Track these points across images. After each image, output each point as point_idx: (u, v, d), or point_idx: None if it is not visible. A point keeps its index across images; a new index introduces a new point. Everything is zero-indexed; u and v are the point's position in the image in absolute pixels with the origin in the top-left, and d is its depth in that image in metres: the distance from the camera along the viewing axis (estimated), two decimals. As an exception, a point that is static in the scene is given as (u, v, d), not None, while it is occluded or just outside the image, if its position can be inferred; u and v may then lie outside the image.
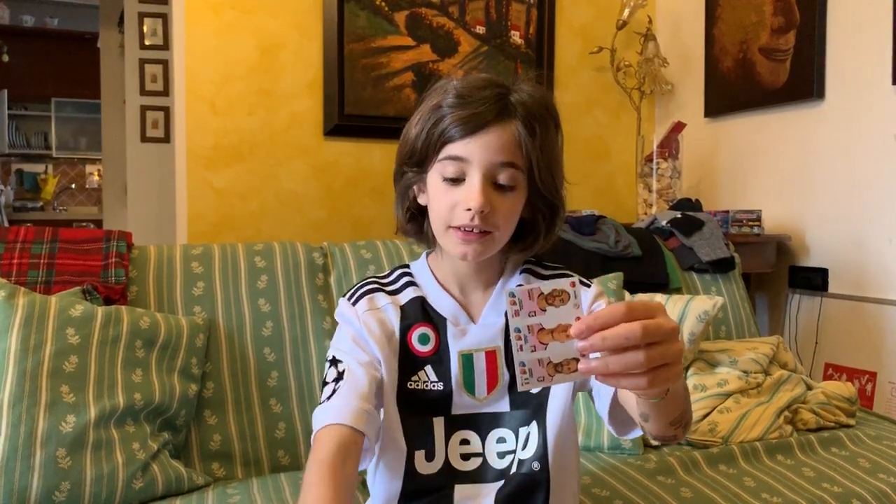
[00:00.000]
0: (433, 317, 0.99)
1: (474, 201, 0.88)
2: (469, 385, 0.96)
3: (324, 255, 1.73)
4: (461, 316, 0.99)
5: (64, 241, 1.54)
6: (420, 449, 0.95)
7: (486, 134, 0.89)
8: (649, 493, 1.33)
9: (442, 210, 0.92)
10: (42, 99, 6.31)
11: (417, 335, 0.98)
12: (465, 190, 0.89)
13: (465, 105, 0.89)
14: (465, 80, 0.92)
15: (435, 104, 0.92)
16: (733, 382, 1.68)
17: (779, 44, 2.51)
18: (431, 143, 0.92)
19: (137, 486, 1.25)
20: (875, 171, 2.24)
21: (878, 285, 2.25)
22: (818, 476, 1.42)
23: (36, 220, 6.00)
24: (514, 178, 0.91)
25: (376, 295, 1.02)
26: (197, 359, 1.46)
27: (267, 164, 2.55)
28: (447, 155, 0.90)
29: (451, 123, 0.89)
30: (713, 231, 2.11)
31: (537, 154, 0.91)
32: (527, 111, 0.91)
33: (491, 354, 0.97)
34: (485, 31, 2.78)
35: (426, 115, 0.92)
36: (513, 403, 0.96)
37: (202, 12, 2.45)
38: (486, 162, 0.89)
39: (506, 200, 0.91)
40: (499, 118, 0.89)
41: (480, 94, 0.90)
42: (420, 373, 0.97)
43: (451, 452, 0.96)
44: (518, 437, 0.96)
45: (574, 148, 2.98)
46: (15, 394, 1.22)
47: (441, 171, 0.91)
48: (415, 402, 0.96)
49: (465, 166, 0.90)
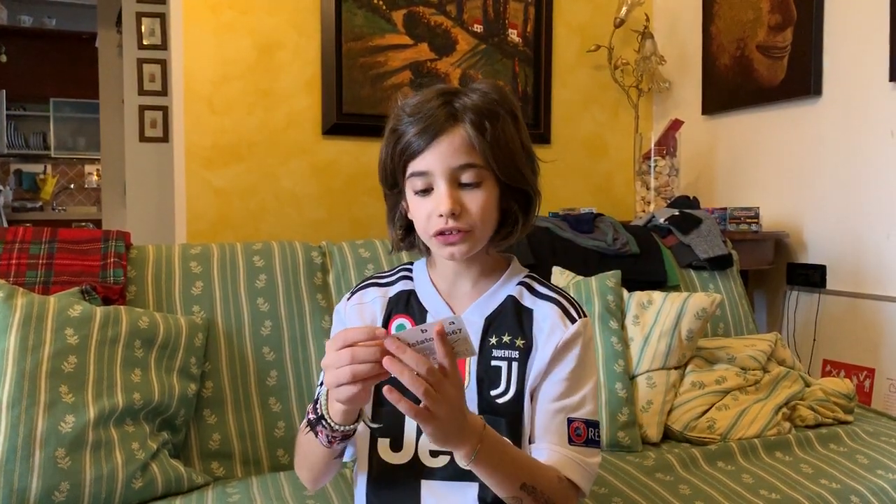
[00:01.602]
0: (416, 308, 1.04)
1: (443, 206, 0.93)
2: None
3: (322, 255, 1.73)
4: (443, 309, 1.03)
5: (62, 242, 1.54)
6: (385, 436, 0.99)
7: (439, 144, 0.94)
8: (648, 491, 1.34)
9: (421, 221, 0.97)
10: (40, 99, 6.30)
11: (395, 325, 1.04)
12: (434, 199, 0.95)
13: (415, 122, 0.94)
14: (416, 98, 0.97)
15: (392, 127, 0.98)
16: (731, 379, 1.68)
17: (776, 41, 2.51)
18: (396, 164, 0.97)
19: (137, 485, 1.26)
20: (873, 167, 2.25)
21: (877, 282, 2.25)
22: (816, 473, 1.43)
23: (35, 221, 6.00)
24: (477, 175, 0.95)
25: (368, 290, 1.08)
26: (196, 358, 1.46)
27: (265, 164, 2.55)
28: (412, 172, 0.96)
29: (406, 143, 0.95)
30: (711, 228, 2.11)
31: (493, 150, 0.94)
32: (474, 112, 0.94)
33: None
34: (482, 30, 2.78)
35: (387, 139, 0.98)
36: (480, 409, 0.98)
37: (200, 12, 2.45)
38: (446, 167, 0.94)
39: (475, 196, 0.95)
40: (447, 125, 0.94)
41: (427, 106, 0.94)
42: None
43: (420, 448, 0.98)
44: None
45: (572, 146, 2.99)
46: (14, 394, 1.23)
47: (412, 187, 0.97)
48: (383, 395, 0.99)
49: (429, 178, 0.95)
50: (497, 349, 1.00)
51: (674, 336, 1.65)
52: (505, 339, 1.00)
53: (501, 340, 1.00)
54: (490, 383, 0.99)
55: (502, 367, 0.99)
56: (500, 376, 0.99)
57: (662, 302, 1.70)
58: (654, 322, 1.68)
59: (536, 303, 1.02)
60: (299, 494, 1.30)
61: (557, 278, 1.81)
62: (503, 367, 0.99)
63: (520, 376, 0.99)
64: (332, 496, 1.30)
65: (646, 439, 1.59)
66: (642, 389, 1.63)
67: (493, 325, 1.01)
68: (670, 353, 1.65)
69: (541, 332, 1.00)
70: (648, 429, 1.60)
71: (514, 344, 1.00)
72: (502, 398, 0.99)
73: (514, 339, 1.00)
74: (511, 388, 0.99)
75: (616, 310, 1.69)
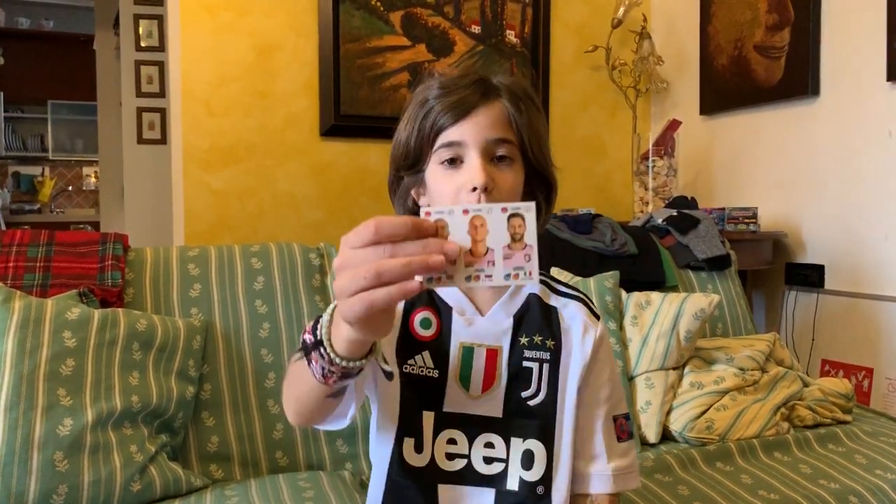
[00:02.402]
0: (438, 303, 0.97)
1: (478, 179, 0.87)
2: (465, 379, 0.95)
3: (320, 256, 1.73)
4: (468, 307, 0.97)
5: (60, 244, 1.54)
6: (410, 437, 0.94)
7: (475, 115, 0.90)
8: (647, 492, 1.34)
9: (446, 196, 0.90)
10: (38, 101, 6.30)
11: (420, 318, 0.97)
12: (466, 171, 0.89)
13: (451, 93, 0.91)
14: (447, 75, 0.95)
15: (421, 100, 0.94)
16: (730, 380, 1.68)
17: (773, 41, 2.51)
18: (424, 136, 0.92)
19: (135, 488, 1.26)
20: (870, 167, 2.25)
21: (875, 281, 2.25)
22: (815, 473, 1.43)
23: (33, 223, 5.99)
24: (510, 150, 0.91)
25: None
26: (194, 361, 1.46)
27: (263, 165, 2.55)
28: (442, 143, 0.91)
29: (440, 112, 0.91)
30: (709, 229, 2.11)
31: (527, 130, 0.92)
32: (510, 91, 0.93)
33: (492, 353, 0.96)
34: (480, 31, 2.78)
35: (415, 113, 0.94)
36: (506, 411, 0.95)
37: (197, 13, 2.45)
38: (482, 139, 0.90)
39: (507, 174, 0.91)
40: (485, 98, 0.91)
41: (463, 81, 0.92)
42: (417, 357, 0.95)
43: (437, 450, 0.94)
44: (510, 448, 0.95)
45: (570, 146, 2.99)
46: (11, 397, 1.22)
47: (438, 159, 0.92)
48: (409, 389, 0.95)
49: (461, 150, 0.90)
50: (528, 349, 0.96)
51: (672, 337, 1.65)
52: (536, 339, 0.97)
53: (532, 341, 0.97)
54: (522, 384, 0.96)
55: (533, 368, 0.96)
56: (532, 377, 0.96)
57: (661, 302, 1.70)
58: (653, 323, 1.68)
59: (560, 300, 1.00)
60: (298, 497, 1.30)
61: (556, 279, 1.81)
62: (535, 368, 0.96)
63: (551, 378, 0.96)
64: (332, 498, 1.30)
65: (644, 440, 1.59)
66: (641, 390, 1.63)
67: (522, 324, 0.97)
68: (669, 354, 1.65)
69: (570, 331, 0.98)
70: (647, 429, 1.60)
71: (544, 345, 0.97)
72: (533, 400, 0.96)
73: (545, 340, 0.97)
74: (542, 390, 0.96)
75: (614, 310, 1.69)
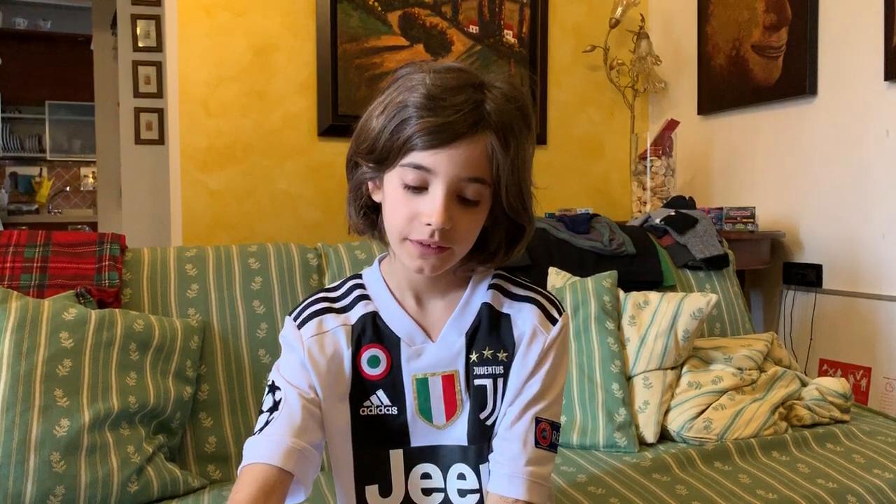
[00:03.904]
0: (385, 335, 0.91)
1: (436, 217, 0.80)
2: (425, 412, 0.90)
3: (318, 256, 1.72)
4: (417, 335, 0.91)
5: (57, 245, 1.54)
6: (372, 483, 0.90)
7: (455, 147, 0.80)
8: (645, 491, 1.34)
9: (399, 220, 0.83)
10: (36, 102, 6.30)
11: (367, 357, 0.91)
12: (427, 202, 0.81)
13: (436, 111, 0.79)
14: (438, 78, 0.82)
15: (401, 101, 0.81)
16: (728, 379, 1.68)
17: (771, 41, 2.51)
18: (394, 146, 0.81)
19: (133, 489, 1.25)
20: (868, 166, 2.25)
21: (873, 281, 2.25)
22: (813, 472, 1.43)
23: (31, 223, 5.99)
24: (479, 193, 0.83)
25: (325, 317, 0.93)
26: (192, 361, 1.46)
27: (261, 166, 2.55)
28: (410, 163, 0.81)
29: (418, 131, 0.79)
30: (707, 228, 2.11)
31: (508, 171, 0.82)
32: (502, 119, 0.82)
33: (448, 378, 0.90)
34: (478, 31, 2.78)
35: (391, 111, 0.82)
36: (470, 437, 0.90)
37: (195, 14, 2.45)
38: (453, 176, 0.80)
39: (468, 216, 0.83)
40: (471, 130, 0.80)
41: (453, 98, 0.80)
42: (372, 397, 0.90)
43: (411, 487, 0.90)
44: (480, 476, 0.90)
45: (568, 146, 2.99)
46: (8, 398, 1.22)
47: (401, 177, 0.82)
48: (370, 431, 0.91)
49: (428, 176, 0.81)
50: (479, 366, 0.91)
51: (670, 336, 1.65)
52: (486, 353, 0.91)
53: (483, 356, 0.91)
54: (479, 406, 0.90)
55: (487, 385, 0.90)
56: (487, 396, 0.90)
57: (659, 302, 1.70)
58: (651, 322, 1.68)
59: (514, 306, 0.93)
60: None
61: (554, 279, 1.81)
62: (488, 386, 0.90)
63: (504, 392, 0.91)
64: (329, 499, 1.30)
65: (642, 440, 1.59)
66: (639, 390, 1.63)
67: (473, 341, 0.91)
68: (667, 354, 1.65)
69: (522, 337, 0.91)
70: (645, 429, 1.59)
71: (496, 358, 0.91)
72: (490, 419, 0.91)
73: (496, 353, 0.91)
74: (498, 407, 0.90)
75: (612, 310, 1.69)
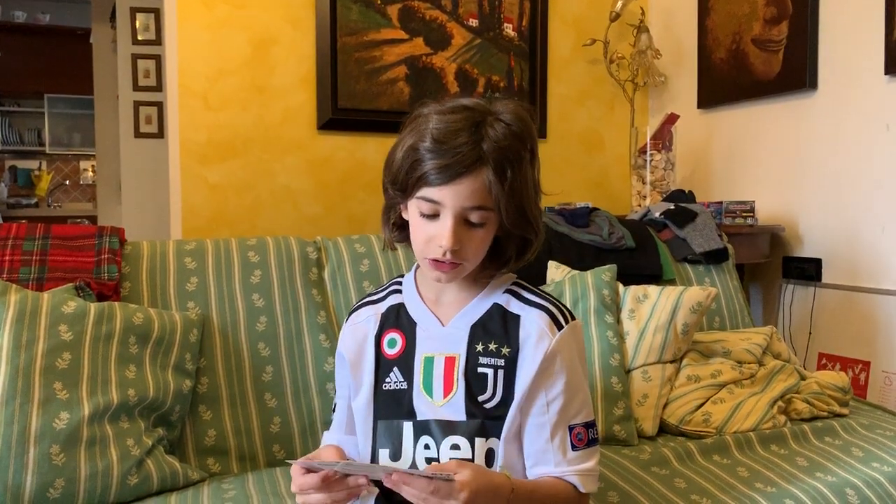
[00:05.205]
0: (405, 322, 1.10)
1: (446, 241, 0.97)
2: (427, 387, 1.05)
3: (317, 250, 1.72)
4: (432, 321, 1.08)
5: (56, 238, 1.54)
6: (384, 448, 1.05)
7: (459, 182, 0.95)
8: (644, 484, 1.34)
9: (418, 242, 1.01)
10: (35, 95, 6.27)
11: (387, 340, 1.10)
12: (439, 227, 0.98)
13: (440, 154, 0.95)
14: (442, 122, 0.97)
15: (412, 145, 0.98)
16: (727, 373, 1.69)
17: (771, 34, 2.51)
18: (410, 181, 0.99)
19: (132, 481, 1.26)
20: (868, 160, 2.25)
21: (872, 275, 2.25)
22: (812, 465, 1.43)
23: (30, 217, 5.98)
24: (483, 217, 0.98)
25: (361, 310, 1.15)
26: (191, 354, 1.46)
27: (261, 159, 2.55)
28: (423, 196, 0.98)
29: (427, 171, 0.96)
30: (706, 222, 2.11)
31: (506, 198, 0.97)
32: (499, 154, 0.96)
33: (450, 360, 1.05)
34: (478, 24, 2.77)
35: (406, 152, 0.99)
36: (468, 413, 1.02)
37: (194, 7, 2.44)
38: (458, 206, 0.97)
39: (476, 235, 1.00)
40: (472, 167, 0.95)
41: (455, 141, 0.95)
42: (391, 374, 1.07)
43: (418, 456, 1.03)
44: (474, 447, 1.02)
45: (568, 140, 2.98)
46: (8, 391, 1.22)
47: (418, 206, 0.99)
48: (389, 404, 1.06)
49: (438, 207, 0.98)
50: (483, 356, 1.04)
51: (669, 330, 1.65)
52: (491, 346, 1.04)
53: (488, 348, 1.04)
54: (478, 389, 1.03)
55: (488, 373, 1.03)
56: (487, 383, 1.03)
57: (658, 296, 1.70)
58: (650, 316, 1.68)
59: (524, 309, 1.06)
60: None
61: (553, 273, 1.81)
62: (489, 374, 1.03)
63: (506, 382, 1.03)
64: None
65: (641, 433, 1.59)
66: (638, 383, 1.63)
67: (479, 332, 1.05)
68: (666, 347, 1.65)
69: (528, 338, 1.03)
70: (644, 423, 1.60)
71: (500, 352, 1.04)
72: (489, 403, 1.03)
73: (500, 348, 1.04)
74: (498, 394, 1.03)
75: (612, 304, 1.69)
